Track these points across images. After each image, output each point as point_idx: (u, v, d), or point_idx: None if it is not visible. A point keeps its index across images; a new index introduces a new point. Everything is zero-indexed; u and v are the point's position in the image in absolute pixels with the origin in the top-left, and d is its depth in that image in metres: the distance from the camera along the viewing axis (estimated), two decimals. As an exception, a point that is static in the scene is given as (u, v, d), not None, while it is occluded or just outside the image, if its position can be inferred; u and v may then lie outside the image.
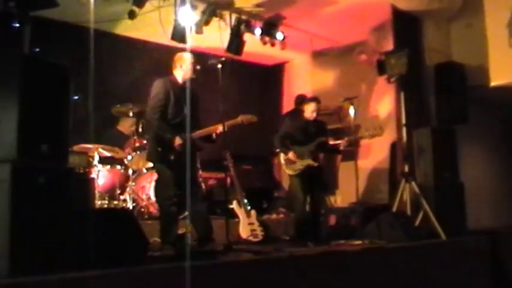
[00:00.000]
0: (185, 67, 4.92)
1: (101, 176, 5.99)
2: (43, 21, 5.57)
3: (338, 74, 8.74)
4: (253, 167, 8.21)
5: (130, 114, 6.35)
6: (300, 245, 5.22)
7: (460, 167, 6.60)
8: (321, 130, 6.25)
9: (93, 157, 5.97)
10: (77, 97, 6.41)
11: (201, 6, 6.75)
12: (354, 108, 6.05)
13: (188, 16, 6.56)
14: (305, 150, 6.01)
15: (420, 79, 7.48)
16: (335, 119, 8.12)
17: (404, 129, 6.62)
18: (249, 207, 6.19)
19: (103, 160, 6.09)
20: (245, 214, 6.09)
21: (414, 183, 6.08)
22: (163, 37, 6.63)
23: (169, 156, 4.77)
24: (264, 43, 7.55)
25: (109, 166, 6.11)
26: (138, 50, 7.66)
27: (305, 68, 9.27)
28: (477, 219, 7.05)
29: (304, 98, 6.84)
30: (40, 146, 3.29)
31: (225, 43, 7.07)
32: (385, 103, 7.98)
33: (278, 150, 6.27)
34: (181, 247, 4.65)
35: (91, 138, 5.98)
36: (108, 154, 6.17)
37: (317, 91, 8.15)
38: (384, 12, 7.43)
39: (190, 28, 6.65)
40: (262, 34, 7.40)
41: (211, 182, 7.24)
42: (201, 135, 4.97)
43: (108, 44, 6.91)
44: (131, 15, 6.21)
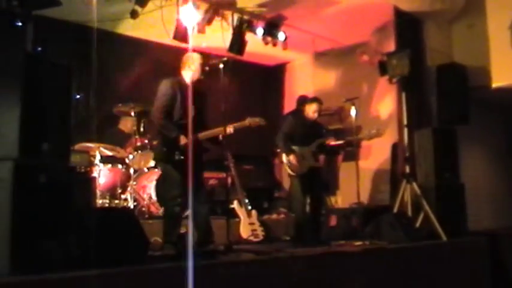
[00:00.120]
0: (194, 68, 4.88)
1: (102, 175, 5.99)
2: (46, 20, 5.58)
3: (340, 75, 8.74)
4: (254, 167, 8.20)
5: (131, 113, 6.36)
6: (301, 246, 5.22)
7: (461, 168, 6.60)
8: (320, 131, 6.27)
9: (94, 156, 5.97)
10: (79, 96, 6.45)
11: (203, 5, 6.75)
12: (356, 108, 6.05)
13: (190, 16, 6.57)
14: (306, 151, 6.01)
15: (422, 80, 7.47)
16: (336, 120, 8.12)
17: (405, 129, 6.63)
18: (250, 207, 6.20)
19: (104, 159, 6.10)
20: (246, 214, 6.10)
21: (415, 184, 6.09)
22: (165, 36, 6.64)
23: (175, 156, 4.75)
24: (266, 43, 7.55)
25: (110, 165, 6.11)
26: (140, 50, 7.65)
27: (307, 69, 9.27)
28: (477, 219, 7.04)
29: (305, 99, 6.83)
30: (42, 145, 3.29)
31: (227, 43, 7.07)
32: (387, 104, 7.98)
33: (279, 150, 6.26)
34: (182, 247, 4.66)
35: (92, 137, 5.99)
36: (109, 153, 6.18)
37: (319, 91, 8.15)
38: (386, 13, 7.42)
39: (192, 28, 6.67)
40: (264, 34, 7.40)
41: (212, 182, 7.23)
42: (208, 136, 4.91)
43: (110, 44, 6.92)
44: (133, 14, 6.22)
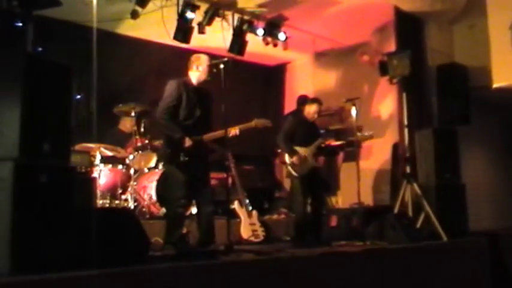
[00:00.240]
0: (202, 68, 4.88)
1: (103, 176, 5.99)
2: (46, 20, 5.57)
3: (340, 75, 8.74)
4: (254, 167, 8.20)
5: (132, 113, 6.35)
6: (301, 246, 5.22)
7: (462, 168, 6.59)
8: (318, 132, 6.28)
9: (95, 156, 5.97)
10: (79, 96, 6.44)
11: (204, 6, 6.76)
12: (356, 109, 6.03)
13: (191, 16, 6.58)
14: (308, 151, 6.00)
15: (422, 80, 7.47)
16: (337, 120, 8.12)
17: (406, 130, 6.62)
18: (251, 207, 6.19)
19: (105, 159, 6.09)
20: (246, 214, 6.09)
21: (416, 184, 6.08)
22: (165, 37, 6.65)
23: (179, 157, 4.73)
24: (266, 43, 7.56)
25: (111, 165, 6.11)
26: (140, 50, 7.65)
27: (307, 69, 9.27)
28: (477, 220, 7.03)
29: (306, 99, 6.83)
30: (42, 145, 3.28)
31: (228, 43, 7.07)
32: (387, 104, 7.98)
33: (280, 150, 6.26)
34: (182, 247, 4.66)
35: (93, 137, 5.98)
36: (109, 153, 6.18)
37: (319, 92, 8.16)
38: (387, 13, 7.43)
39: (192, 28, 6.67)
40: (264, 34, 7.41)
41: (212, 182, 7.21)
42: (213, 137, 4.88)
43: (110, 44, 6.91)
44: (134, 14, 6.23)
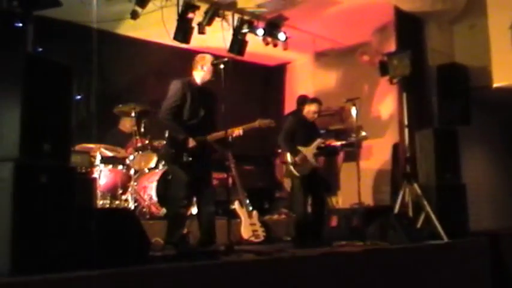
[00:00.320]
0: (206, 68, 4.88)
1: (103, 176, 5.99)
2: (46, 20, 5.57)
3: (340, 75, 8.74)
4: (255, 168, 8.20)
5: (132, 113, 6.33)
6: (302, 246, 5.21)
7: (462, 168, 6.59)
8: (317, 132, 6.28)
9: (95, 157, 5.97)
10: (80, 96, 6.44)
11: (204, 6, 6.76)
12: (356, 109, 6.03)
13: (191, 16, 6.57)
14: (309, 151, 6.00)
15: (423, 80, 7.47)
16: (337, 120, 8.12)
17: (406, 130, 6.61)
18: (251, 207, 6.19)
19: (105, 160, 6.09)
20: (247, 214, 6.09)
21: (416, 184, 6.07)
22: (165, 37, 6.65)
23: (183, 157, 4.73)
24: (266, 44, 7.56)
25: (111, 166, 6.10)
26: (140, 50, 7.66)
27: (307, 69, 9.27)
28: (478, 220, 7.03)
29: (305, 99, 6.83)
30: (42, 145, 3.28)
31: (228, 43, 7.07)
32: (387, 104, 7.98)
33: (281, 150, 6.25)
34: (183, 247, 4.66)
35: (93, 137, 5.98)
36: (110, 154, 6.18)
37: (319, 92, 8.15)
38: (387, 13, 7.42)
39: (192, 28, 6.67)
40: (264, 35, 7.41)
41: (213, 182, 7.23)
42: (217, 138, 4.88)
43: (110, 44, 6.92)
44: (134, 15, 6.23)
